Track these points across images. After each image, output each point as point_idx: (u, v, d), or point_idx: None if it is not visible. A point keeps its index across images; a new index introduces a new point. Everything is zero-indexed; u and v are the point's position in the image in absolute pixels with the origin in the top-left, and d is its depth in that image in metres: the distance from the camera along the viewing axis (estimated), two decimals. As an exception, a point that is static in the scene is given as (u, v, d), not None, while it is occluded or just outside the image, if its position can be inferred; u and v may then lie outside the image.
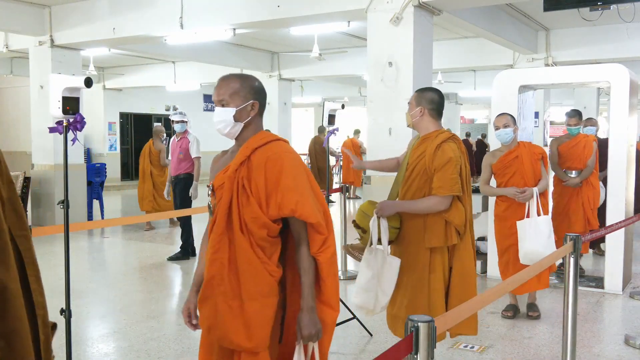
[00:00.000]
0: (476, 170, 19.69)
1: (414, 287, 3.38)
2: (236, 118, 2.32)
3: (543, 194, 4.91)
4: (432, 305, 3.37)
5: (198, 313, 2.34)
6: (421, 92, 3.53)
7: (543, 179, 4.89)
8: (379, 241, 3.36)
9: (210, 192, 2.36)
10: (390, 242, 3.45)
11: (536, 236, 4.71)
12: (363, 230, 3.44)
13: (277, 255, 2.24)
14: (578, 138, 6.27)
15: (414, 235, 3.37)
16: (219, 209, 2.25)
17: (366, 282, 3.36)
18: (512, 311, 5.14)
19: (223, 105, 2.32)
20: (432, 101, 3.46)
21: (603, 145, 6.53)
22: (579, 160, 6.23)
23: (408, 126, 3.60)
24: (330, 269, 2.21)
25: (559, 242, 6.07)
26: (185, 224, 7.48)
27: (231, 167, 2.28)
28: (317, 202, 2.23)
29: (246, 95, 2.32)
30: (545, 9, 6.87)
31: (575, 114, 6.29)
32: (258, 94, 2.36)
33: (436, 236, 3.32)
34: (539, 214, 4.77)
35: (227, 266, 2.21)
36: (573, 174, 6.27)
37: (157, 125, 10.28)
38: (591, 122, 7.26)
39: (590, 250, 7.41)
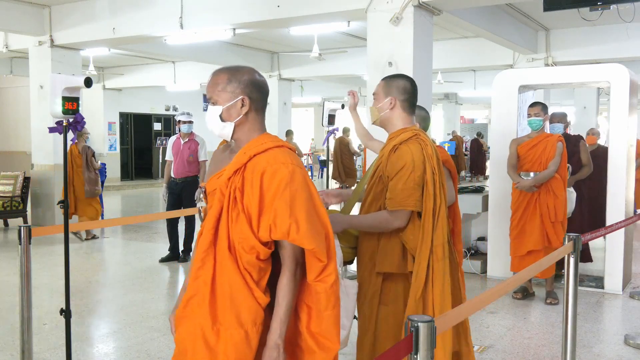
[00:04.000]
0: (482, 171, 19.72)
1: (363, 321, 2.81)
2: (224, 117, 2.06)
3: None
4: (378, 346, 2.73)
5: None
6: (390, 79, 2.83)
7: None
8: None
9: (202, 195, 2.15)
10: (346, 263, 2.93)
11: None
12: None
13: (266, 280, 1.99)
14: (539, 137, 5.46)
15: (366, 258, 2.78)
16: (207, 220, 2.02)
17: None
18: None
19: (213, 104, 2.08)
20: (404, 90, 2.78)
21: (572, 143, 5.99)
22: (538, 162, 5.42)
23: (373, 123, 2.91)
24: (330, 300, 1.96)
25: (514, 262, 5.48)
26: (174, 227, 7.45)
27: (225, 173, 2.01)
28: (319, 224, 1.96)
29: (234, 90, 2.04)
30: (545, 9, 6.87)
31: (539, 104, 5.48)
32: (250, 89, 2.05)
33: (389, 260, 2.68)
34: None
35: (211, 286, 1.96)
36: (531, 175, 5.47)
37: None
38: (557, 117, 5.98)
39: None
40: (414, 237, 2.64)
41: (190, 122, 7.38)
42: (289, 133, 13.37)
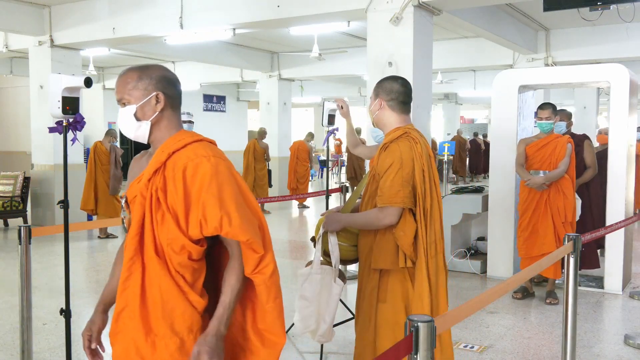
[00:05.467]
0: (483, 170, 19.73)
1: (363, 318, 2.86)
2: (139, 116, 1.95)
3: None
4: (379, 344, 2.75)
5: (109, 342, 2.02)
6: (379, 82, 2.95)
7: None
8: (328, 257, 2.87)
9: (124, 205, 2.00)
10: (348, 263, 3.02)
11: None
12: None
13: (202, 282, 1.90)
14: (549, 138, 5.41)
15: (365, 255, 2.84)
16: (131, 227, 1.91)
17: (304, 307, 2.89)
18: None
19: (124, 105, 1.97)
20: (391, 91, 2.86)
21: (575, 143, 5.75)
22: (548, 162, 5.38)
23: (373, 125, 3.06)
24: (271, 292, 1.89)
25: (524, 263, 5.52)
26: None
27: (144, 175, 1.91)
28: (250, 214, 1.89)
29: (147, 87, 1.95)
30: (545, 9, 6.87)
31: (549, 107, 5.39)
32: (162, 84, 1.97)
33: (383, 257, 2.73)
34: None
35: (140, 296, 1.87)
36: (540, 174, 5.40)
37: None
38: (559, 116, 5.88)
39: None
40: (404, 234, 2.67)
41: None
42: (309, 135, 13.41)
